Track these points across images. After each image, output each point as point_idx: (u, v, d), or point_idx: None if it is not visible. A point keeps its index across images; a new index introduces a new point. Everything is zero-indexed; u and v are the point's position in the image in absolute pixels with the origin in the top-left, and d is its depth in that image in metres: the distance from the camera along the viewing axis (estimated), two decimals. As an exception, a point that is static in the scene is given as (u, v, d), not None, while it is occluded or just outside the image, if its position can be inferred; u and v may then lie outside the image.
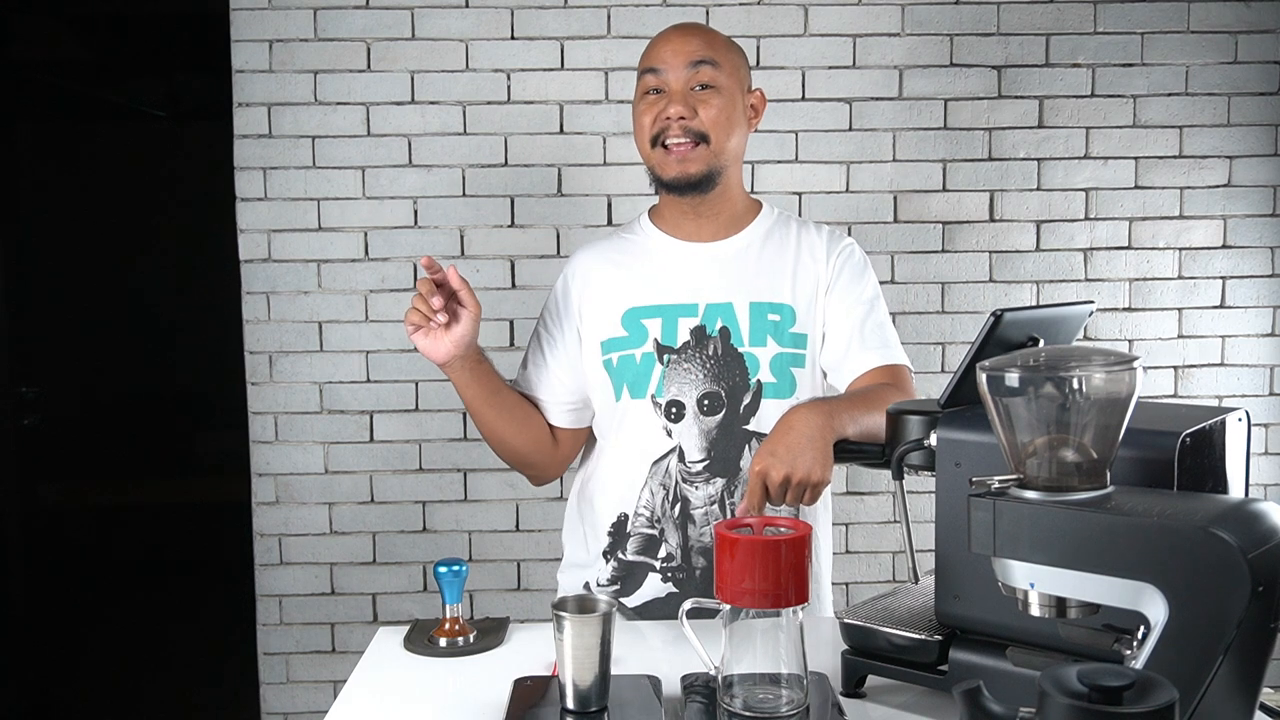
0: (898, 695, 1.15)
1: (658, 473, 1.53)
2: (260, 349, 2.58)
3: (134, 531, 5.72)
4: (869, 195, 2.61)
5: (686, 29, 1.56)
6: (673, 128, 1.50)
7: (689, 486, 1.52)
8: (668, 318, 1.54)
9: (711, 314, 1.54)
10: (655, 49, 1.54)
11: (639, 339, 1.55)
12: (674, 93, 1.51)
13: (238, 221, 2.57)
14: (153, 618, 4.52)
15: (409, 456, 2.61)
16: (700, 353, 1.53)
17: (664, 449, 1.53)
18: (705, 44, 1.52)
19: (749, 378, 1.52)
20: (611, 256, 1.62)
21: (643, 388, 1.53)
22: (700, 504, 1.52)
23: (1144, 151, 2.64)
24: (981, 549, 0.87)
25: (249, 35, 2.53)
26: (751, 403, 1.52)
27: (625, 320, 1.56)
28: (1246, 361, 2.68)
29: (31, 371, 3.08)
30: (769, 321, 1.53)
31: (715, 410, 1.51)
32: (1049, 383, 0.84)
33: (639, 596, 1.55)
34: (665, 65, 1.51)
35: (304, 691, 2.62)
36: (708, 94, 1.51)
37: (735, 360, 1.52)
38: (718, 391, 1.51)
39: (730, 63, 1.54)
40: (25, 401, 3.01)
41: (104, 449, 6.31)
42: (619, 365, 1.55)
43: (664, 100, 1.51)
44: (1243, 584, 0.75)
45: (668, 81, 1.51)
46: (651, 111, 1.52)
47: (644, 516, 1.54)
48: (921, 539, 1.13)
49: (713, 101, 1.50)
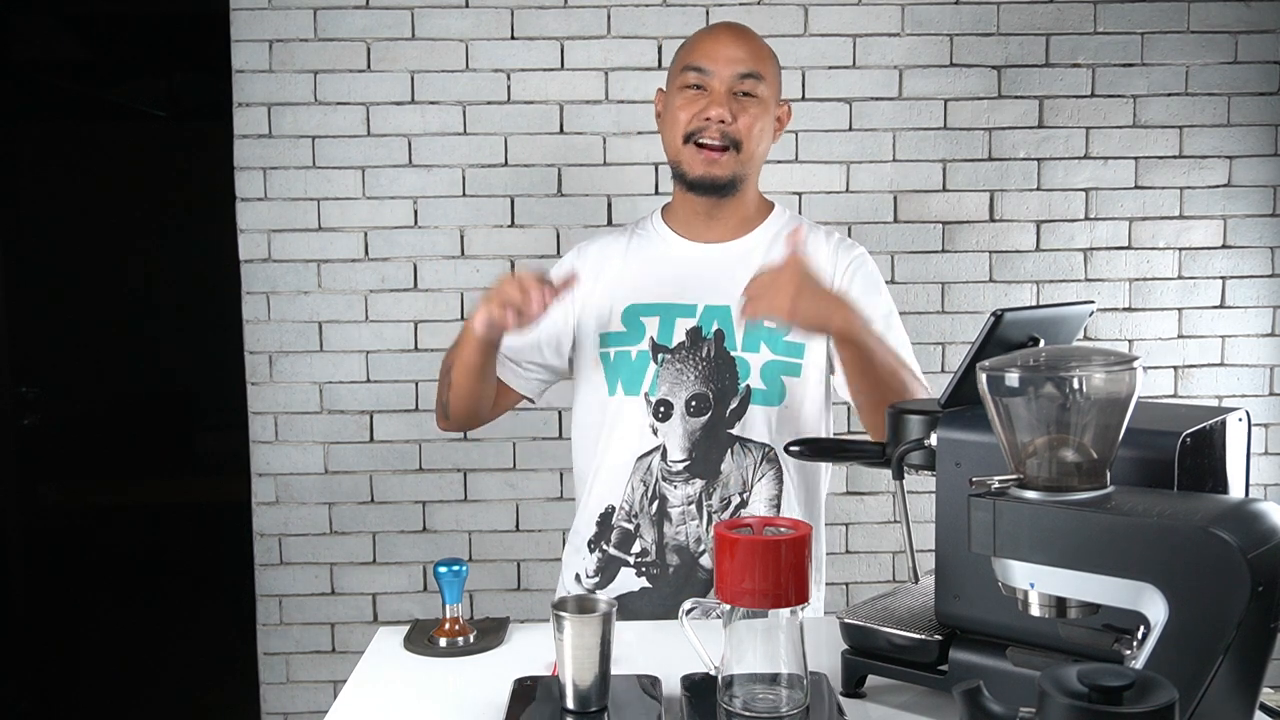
0: (898, 695, 1.15)
1: (640, 469, 1.55)
2: (260, 349, 2.58)
3: (134, 531, 5.73)
4: (869, 195, 2.61)
5: (740, 34, 1.56)
6: (710, 129, 1.51)
7: (668, 485, 1.54)
8: (665, 317, 1.55)
9: (709, 316, 1.54)
10: (705, 47, 1.54)
11: (636, 336, 1.56)
12: (717, 94, 1.51)
13: (238, 221, 2.57)
14: (153, 618, 4.51)
15: (409, 456, 2.61)
16: (694, 354, 1.53)
17: (648, 446, 1.54)
18: (754, 55, 1.53)
19: (738, 382, 1.53)
20: (622, 252, 1.63)
21: (637, 385, 1.55)
22: (678, 503, 1.53)
23: (1144, 151, 2.64)
24: (981, 549, 0.87)
25: (249, 35, 2.53)
26: (738, 407, 1.52)
27: (625, 316, 1.57)
28: (1246, 361, 2.68)
29: (31, 371, 3.08)
30: (764, 328, 1.52)
31: (702, 412, 1.52)
32: (1049, 383, 0.84)
33: (613, 590, 1.56)
34: (714, 67, 1.51)
35: (304, 691, 2.62)
36: (748, 102, 1.52)
37: (727, 364, 1.53)
38: (706, 394, 1.52)
39: (771, 75, 1.55)
40: (25, 401, 3.02)
41: (104, 449, 6.31)
42: (615, 361, 1.56)
43: (705, 99, 1.51)
44: (1243, 584, 0.75)
45: (711, 83, 1.52)
46: (691, 108, 1.52)
47: (625, 511, 1.56)
48: (921, 539, 1.13)
49: (751, 110, 1.52)
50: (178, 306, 6.50)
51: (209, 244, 4.90)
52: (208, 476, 5.96)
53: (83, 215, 6.49)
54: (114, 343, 6.52)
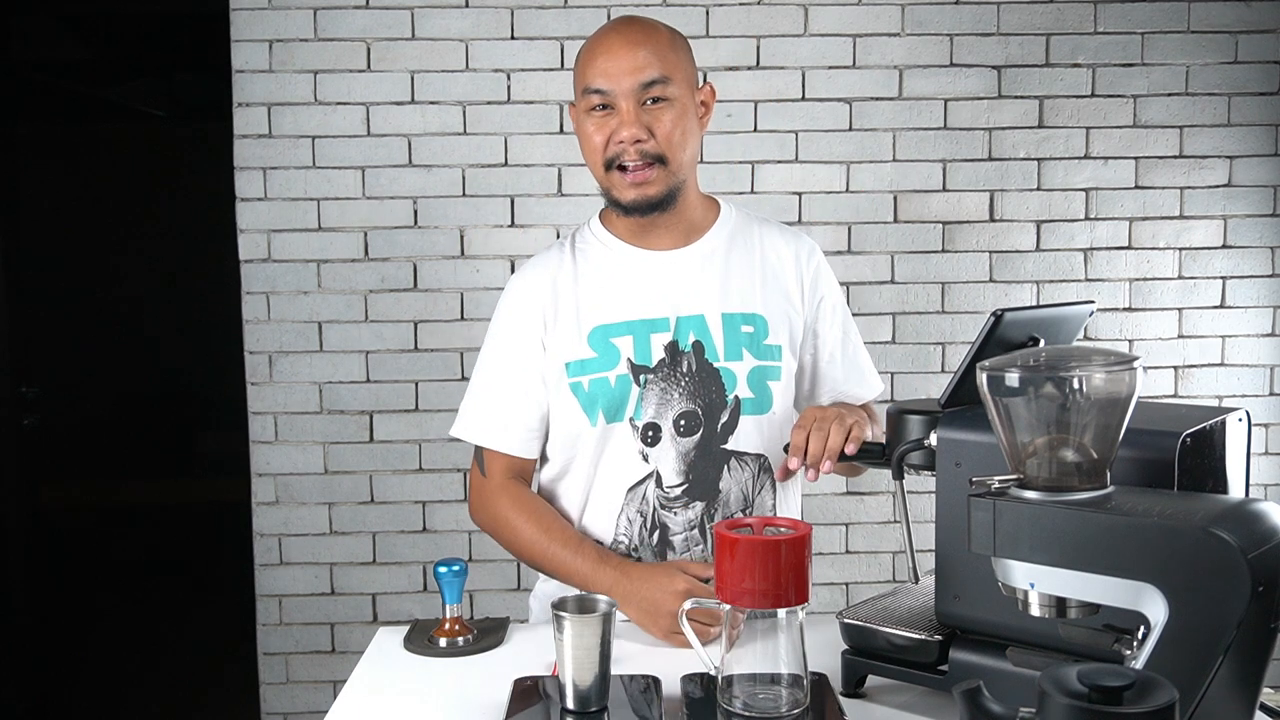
0: (898, 695, 1.15)
1: (634, 499, 1.45)
2: (260, 349, 2.58)
3: (134, 531, 5.73)
4: (869, 195, 2.61)
5: (632, 37, 1.40)
6: (628, 151, 1.39)
7: (667, 512, 1.44)
8: (639, 335, 1.44)
9: (684, 327, 1.44)
10: (597, 62, 1.40)
11: (610, 360, 1.43)
12: (625, 113, 1.38)
13: (238, 221, 2.57)
14: (152, 617, 4.51)
15: (409, 456, 2.61)
16: (675, 370, 1.43)
17: (640, 474, 1.44)
18: (654, 56, 1.38)
19: (726, 394, 1.44)
20: (571, 271, 1.49)
21: (620, 411, 1.43)
22: (680, 529, 1.45)
23: (1144, 151, 2.64)
24: (981, 549, 0.87)
25: (249, 35, 2.53)
26: (729, 420, 1.44)
27: (593, 340, 1.44)
28: (1246, 361, 2.68)
29: (31, 371, 3.08)
30: (743, 334, 1.45)
31: (693, 430, 1.43)
32: (1049, 383, 0.84)
33: None
34: (613, 85, 1.38)
35: (304, 691, 2.62)
36: (660, 109, 1.39)
37: (711, 376, 1.44)
38: (694, 410, 1.43)
39: (680, 69, 1.41)
40: (25, 401, 3.01)
41: (104, 449, 6.31)
42: (591, 389, 1.43)
43: (614, 119, 1.39)
44: (1243, 584, 0.75)
45: (615, 101, 1.39)
46: (602, 132, 1.41)
47: (622, 545, 1.46)
48: (921, 539, 1.13)
49: (665, 117, 1.39)
50: (178, 306, 6.50)
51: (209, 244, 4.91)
52: (208, 476, 5.97)
53: (83, 215, 6.49)
54: (114, 343, 6.52)
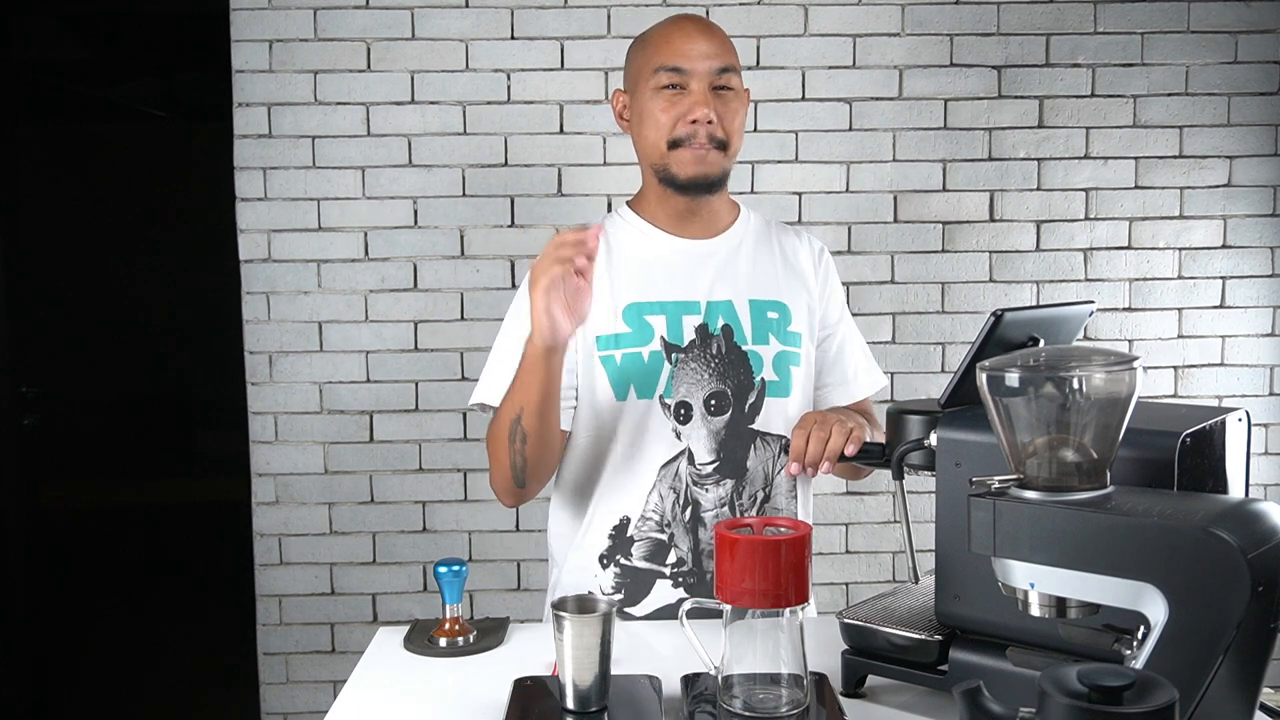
0: (898, 695, 1.15)
1: (667, 476, 1.48)
2: (260, 349, 2.58)
3: (134, 531, 5.73)
4: (869, 195, 2.61)
5: (706, 27, 1.50)
6: (698, 133, 1.45)
7: (699, 489, 1.49)
8: (671, 315, 1.50)
9: (713, 311, 1.50)
10: (676, 45, 1.47)
11: (645, 336, 1.49)
12: (698, 94, 1.45)
13: (238, 221, 2.57)
14: (153, 617, 4.51)
15: (409, 456, 2.61)
16: (705, 351, 1.49)
17: (673, 451, 1.48)
18: (725, 47, 1.49)
19: (753, 376, 1.50)
20: (604, 250, 1.53)
21: (650, 388, 1.48)
22: (711, 506, 1.49)
23: (1144, 151, 2.64)
24: (981, 549, 0.87)
25: (249, 35, 2.53)
26: (756, 401, 1.50)
27: (627, 315, 1.49)
28: (1246, 361, 2.68)
29: (31, 371, 3.08)
30: (769, 319, 1.52)
31: (722, 410, 1.48)
32: (1049, 383, 0.84)
33: (647, 605, 1.49)
34: (690, 65, 1.45)
35: (304, 691, 2.62)
36: (728, 97, 1.47)
37: (740, 359, 1.50)
38: (724, 390, 1.48)
39: (738, 66, 1.52)
40: (25, 401, 3.01)
41: (104, 449, 6.32)
42: (623, 363, 1.48)
43: (686, 100, 1.45)
44: (1243, 584, 0.75)
45: (689, 82, 1.45)
46: (672, 110, 1.46)
47: (652, 521, 1.49)
48: (921, 539, 1.13)
49: (732, 105, 1.48)
50: (178, 306, 6.51)
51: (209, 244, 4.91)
52: (208, 476, 5.96)
53: (83, 215, 6.49)
54: (114, 343, 6.53)
